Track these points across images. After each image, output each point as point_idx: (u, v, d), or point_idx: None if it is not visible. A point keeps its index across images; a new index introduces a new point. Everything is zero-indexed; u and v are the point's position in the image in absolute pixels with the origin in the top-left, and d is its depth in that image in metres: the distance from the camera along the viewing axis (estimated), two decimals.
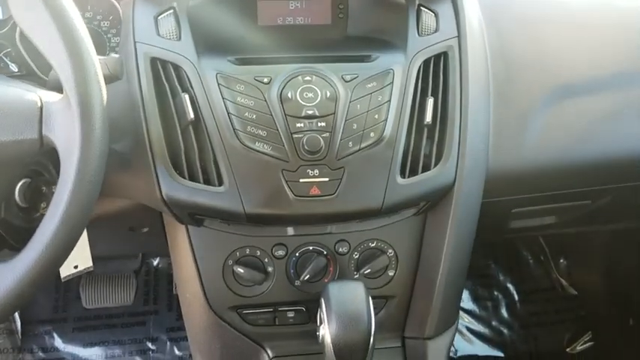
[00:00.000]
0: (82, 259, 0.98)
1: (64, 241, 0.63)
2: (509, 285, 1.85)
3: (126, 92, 0.80)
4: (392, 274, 0.92)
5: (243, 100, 0.80)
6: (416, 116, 0.84)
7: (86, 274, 1.50)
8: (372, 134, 0.81)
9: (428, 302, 0.92)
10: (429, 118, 0.84)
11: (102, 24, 0.94)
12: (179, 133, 0.80)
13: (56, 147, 0.65)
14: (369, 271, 0.91)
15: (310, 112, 0.80)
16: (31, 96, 0.66)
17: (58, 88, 0.67)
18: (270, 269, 0.90)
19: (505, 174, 0.92)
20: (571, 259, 1.85)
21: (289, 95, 0.80)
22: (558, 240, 1.85)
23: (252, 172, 0.79)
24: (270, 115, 0.79)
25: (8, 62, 0.92)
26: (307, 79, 0.81)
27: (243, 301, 0.91)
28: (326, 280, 0.90)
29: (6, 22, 0.91)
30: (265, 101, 0.80)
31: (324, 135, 0.79)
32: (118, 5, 0.92)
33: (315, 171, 0.79)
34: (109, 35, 0.94)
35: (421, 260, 0.92)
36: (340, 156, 0.80)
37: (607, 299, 1.74)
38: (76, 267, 0.98)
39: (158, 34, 0.82)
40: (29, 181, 0.77)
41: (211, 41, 0.85)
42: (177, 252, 0.93)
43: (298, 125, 0.79)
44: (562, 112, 0.95)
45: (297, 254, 0.90)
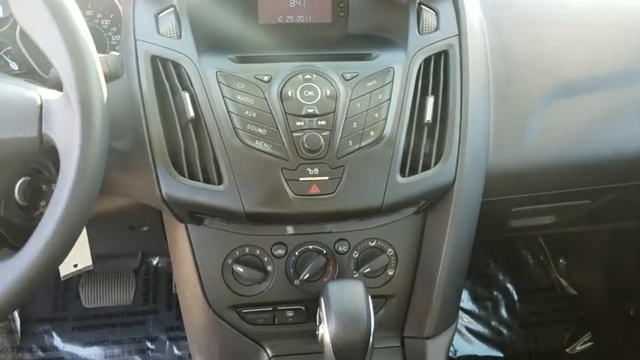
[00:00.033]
0: (82, 257, 0.98)
1: (63, 240, 0.62)
2: (508, 285, 1.85)
3: (126, 90, 0.80)
4: (391, 274, 0.92)
5: (243, 98, 0.79)
6: (416, 115, 0.84)
7: (85, 273, 1.50)
8: (372, 133, 0.80)
9: (427, 301, 0.92)
10: (429, 117, 0.84)
11: (102, 22, 0.94)
12: (179, 132, 0.79)
13: (56, 145, 0.65)
14: (368, 270, 0.91)
15: (310, 111, 0.79)
16: (30, 94, 0.66)
17: (58, 86, 0.67)
18: (269, 268, 0.90)
19: (505, 173, 0.92)
20: (571, 258, 1.85)
21: (289, 93, 0.80)
22: (558, 239, 1.85)
23: (252, 171, 0.79)
24: (270, 113, 0.79)
25: (8, 60, 0.92)
26: (307, 77, 0.81)
27: (242, 300, 0.91)
28: (325, 279, 0.90)
29: (6, 20, 0.91)
30: (265, 99, 0.80)
31: (324, 133, 0.79)
32: (118, 3, 0.92)
33: (315, 169, 0.79)
34: (110, 33, 0.94)
35: (421, 259, 0.92)
36: (340, 154, 0.80)
37: (607, 299, 1.74)
38: (75, 266, 0.98)
39: (158, 33, 0.82)
40: (29, 179, 0.77)
41: (212, 39, 0.85)
42: (176, 251, 0.93)
43: (298, 124, 0.79)
44: (562, 111, 0.95)
45: (296, 253, 0.90)
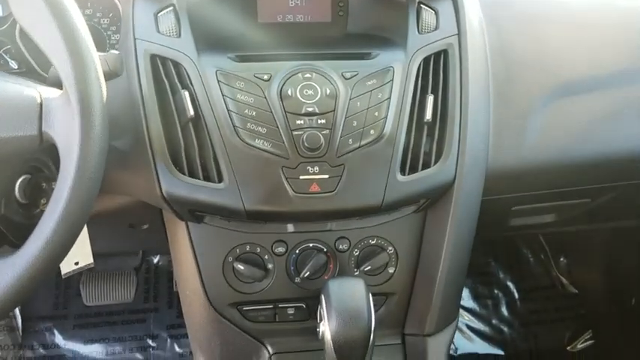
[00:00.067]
0: (83, 255, 0.98)
1: (63, 238, 0.63)
2: (509, 283, 1.85)
3: (126, 89, 0.80)
4: (392, 271, 0.92)
5: (243, 97, 0.80)
6: (416, 114, 0.84)
7: (86, 271, 1.50)
8: (372, 131, 0.81)
9: (428, 299, 0.92)
10: (428, 116, 0.84)
11: (102, 21, 0.94)
12: (179, 130, 0.80)
13: (56, 143, 0.65)
14: (369, 268, 0.91)
15: (310, 110, 0.79)
16: (30, 92, 0.66)
17: (57, 84, 0.67)
18: (270, 266, 0.90)
19: (505, 172, 0.92)
20: (571, 257, 1.85)
21: (289, 92, 0.80)
22: (558, 238, 1.85)
23: (252, 169, 0.79)
24: (270, 112, 0.79)
25: (8, 59, 0.92)
26: (307, 76, 0.81)
27: (243, 298, 0.91)
28: (326, 277, 0.90)
29: (6, 19, 0.91)
30: (265, 98, 0.80)
31: (324, 132, 0.79)
32: (117, 2, 0.92)
33: (315, 168, 0.79)
34: (109, 32, 0.94)
35: (421, 257, 0.93)
36: (340, 153, 0.80)
37: (607, 297, 1.74)
38: (76, 264, 0.98)
39: (158, 31, 0.82)
40: (29, 177, 0.77)
41: (211, 38, 0.85)
42: (177, 249, 0.93)
43: (298, 122, 0.79)
44: (562, 111, 0.95)
45: (297, 251, 0.90)
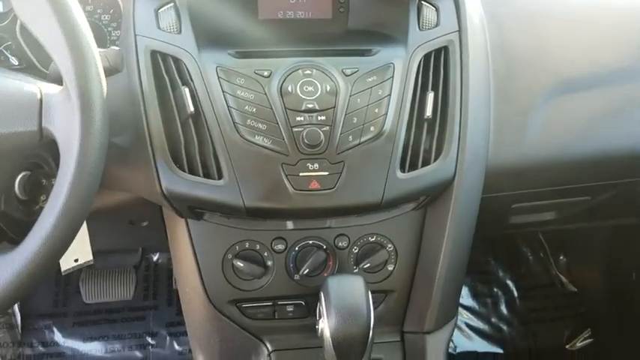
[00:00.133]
0: (83, 252, 0.98)
1: (63, 234, 0.62)
2: (508, 281, 1.85)
3: (126, 85, 0.80)
4: (391, 269, 0.92)
5: (243, 93, 0.79)
6: (416, 110, 0.84)
7: (86, 268, 1.51)
8: (372, 128, 0.80)
9: (427, 297, 0.92)
10: (429, 113, 0.84)
11: (102, 17, 0.94)
12: (179, 127, 0.79)
13: (56, 139, 0.65)
14: (368, 265, 0.91)
15: (310, 106, 0.79)
16: (30, 88, 0.66)
17: (58, 80, 0.67)
18: (269, 263, 0.90)
19: (505, 170, 0.92)
20: (571, 255, 1.85)
21: (289, 89, 0.80)
22: (558, 236, 1.85)
23: (252, 166, 0.79)
24: (270, 108, 0.79)
25: (8, 55, 0.92)
26: (307, 72, 0.81)
27: (242, 295, 0.91)
28: (325, 274, 0.90)
29: (6, 14, 0.91)
30: (265, 95, 0.80)
31: (324, 129, 0.79)
32: None
33: (315, 165, 0.79)
34: (110, 29, 0.94)
35: (421, 255, 0.92)
36: (340, 150, 0.80)
37: (607, 296, 1.74)
38: (76, 260, 0.98)
39: (158, 27, 0.82)
40: (29, 173, 0.77)
41: (212, 34, 0.85)
42: (176, 246, 0.93)
43: (298, 119, 0.79)
44: (562, 108, 0.95)
45: (296, 248, 0.90)
